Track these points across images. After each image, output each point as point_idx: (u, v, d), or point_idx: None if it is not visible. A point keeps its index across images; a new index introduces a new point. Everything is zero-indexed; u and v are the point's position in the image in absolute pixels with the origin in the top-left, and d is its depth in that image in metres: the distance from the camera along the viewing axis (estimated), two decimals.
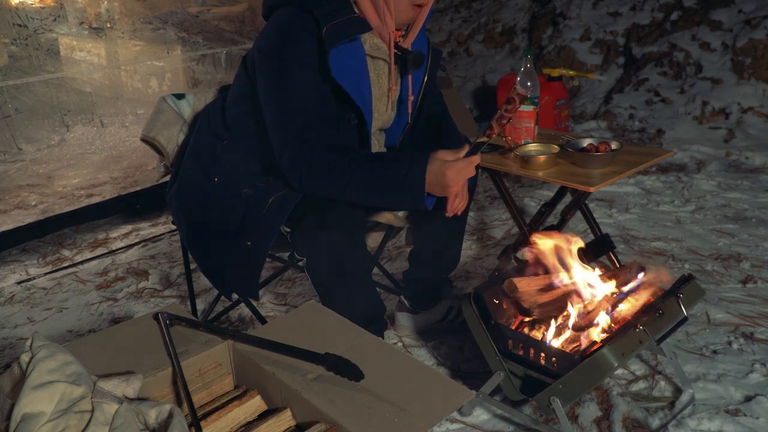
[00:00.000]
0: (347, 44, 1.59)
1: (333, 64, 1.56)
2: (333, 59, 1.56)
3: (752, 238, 2.69)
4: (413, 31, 1.74)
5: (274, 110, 1.63)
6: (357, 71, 1.64)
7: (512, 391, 1.63)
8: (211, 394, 1.17)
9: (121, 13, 3.45)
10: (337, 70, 1.57)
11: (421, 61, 1.74)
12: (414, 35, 1.75)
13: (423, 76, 1.83)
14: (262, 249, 1.66)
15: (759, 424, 1.63)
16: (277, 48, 1.61)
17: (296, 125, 1.59)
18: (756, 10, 4.34)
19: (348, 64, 1.60)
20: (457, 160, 1.53)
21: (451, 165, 1.52)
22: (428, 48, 1.83)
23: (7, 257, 2.89)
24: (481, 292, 1.67)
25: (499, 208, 3.15)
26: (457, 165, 1.52)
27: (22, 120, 3.21)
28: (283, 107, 1.61)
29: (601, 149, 1.98)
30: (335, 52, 1.56)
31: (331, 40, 1.55)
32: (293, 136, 1.59)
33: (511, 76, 4.40)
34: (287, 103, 1.60)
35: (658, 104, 4.32)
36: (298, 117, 1.60)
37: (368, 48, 1.67)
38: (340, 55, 1.58)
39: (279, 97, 1.61)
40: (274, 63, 1.62)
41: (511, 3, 5.68)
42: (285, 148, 1.59)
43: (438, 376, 1.13)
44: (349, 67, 1.61)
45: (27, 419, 0.92)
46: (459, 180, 1.54)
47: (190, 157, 1.81)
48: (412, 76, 1.79)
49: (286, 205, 1.63)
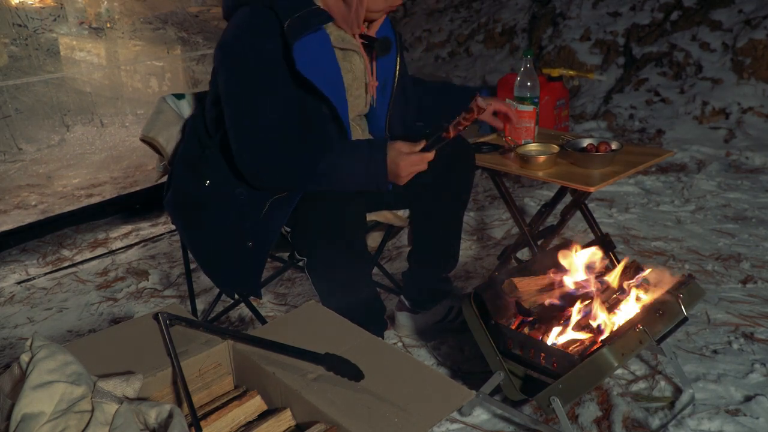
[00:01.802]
0: (311, 35, 1.59)
1: (298, 58, 1.57)
2: (297, 52, 1.57)
3: (752, 238, 2.69)
4: (376, 21, 1.77)
5: (230, 114, 1.63)
6: (325, 62, 1.65)
7: (512, 391, 1.63)
8: (211, 394, 1.17)
9: (121, 13, 3.45)
10: (302, 63, 1.58)
11: (388, 47, 1.76)
12: (377, 25, 1.78)
13: (395, 59, 1.85)
14: (263, 249, 1.66)
15: (759, 424, 1.63)
16: (236, 48, 1.62)
17: (252, 130, 1.60)
18: (756, 10, 4.34)
19: (314, 55, 1.61)
20: (412, 153, 1.59)
21: (405, 157, 1.59)
22: (394, 32, 1.86)
23: (7, 257, 2.89)
24: (481, 292, 1.67)
25: (499, 208, 3.15)
26: (411, 158, 1.59)
27: (22, 120, 3.21)
28: (238, 108, 1.62)
29: (601, 149, 1.98)
30: (299, 45, 1.57)
31: (294, 33, 1.56)
32: (249, 141, 1.60)
33: (511, 76, 4.39)
34: (244, 106, 1.61)
35: (658, 104, 4.32)
36: (253, 118, 1.60)
37: (335, 40, 1.67)
38: (305, 47, 1.58)
39: (237, 100, 1.62)
40: (233, 63, 1.62)
41: (511, 3, 5.68)
42: (240, 149, 1.61)
43: (438, 376, 1.13)
44: (316, 59, 1.62)
45: (27, 419, 0.92)
46: (409, 172, 1.61)
47: (181, 163, 1.82)
48: (379, 62, 1.81)
49: (286, 206, 1.63)
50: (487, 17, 5.70)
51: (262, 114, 1.60)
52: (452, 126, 1.55)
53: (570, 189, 2.13)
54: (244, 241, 1.67)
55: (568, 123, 4.31)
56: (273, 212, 1.64)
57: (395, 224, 1.99)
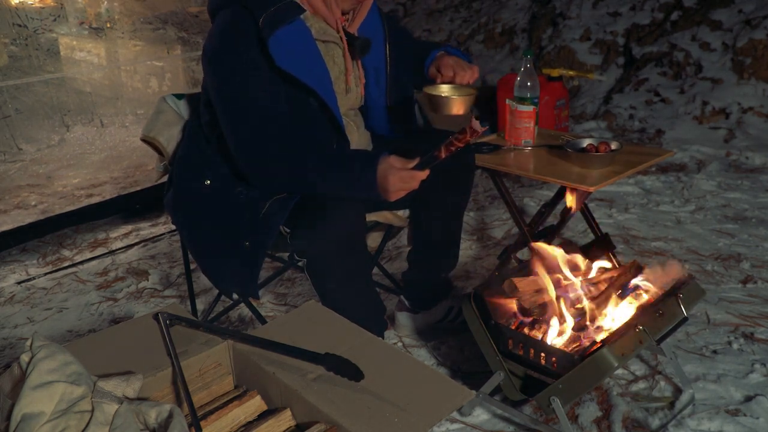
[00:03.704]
0: (288, 28, 1.59)
1: (275, 53, 1.57)
2: (274, 47, 1.57)
3: (752, 238, 2.69)
4: (359, 16, 1.77)
5: (222, 116, 1.65)
6: (305, 53, 1.65)
7: (512, 391, 1.63)
8: (211, 394, 1.17)
9: (121, 13, 3.45)
10: (281, 57, 1.58)
11: (367, 48, 1.76)
12: (360, 20, 1.78)
13: (383, 49, 1.84)
14: (261, 249, 1.66)
15: (759, 424, 1.63)
16: (219, 52, 1.63)
17: (244, 129, 1.61)
18: (756, 10, 4.34)
19: (293, 48, 1.61)
20: (403, 170, 1.55)
21: (396, 172, 1.55)
22: (381, 21, 1.85)
23: (7, 257, 2.89)
24: (481, 292, 1.67)
25: (499, 208, 3.15)
26: (402, 174, 1.55)
27: (22, 120, 3.21)
28: (230, 112, 1.63)
29: (601, 149, 1.98)
30: (275, 40, 1.57)
31: (268, 28, 1.56)
32: (244, 141, 1.61)
33: (511, 76, 4.40)
34: (233, 107, 1.62)
35: (658, 104, 4.32)
36: (246, 120, 1.61)
37: (316, 32, 1.68)
38: (283, 41, 1.58)
39: (226, 102, 1.63)
40: (217, 68, 1.64)
41: (511, 3, 5.68)
42: (238, 152, 1.62)
43: (438, 376, 1.13)
44: (295, 51, 1.62)
45: (27, 419, 0.92)
46: (399, 189, 1.57)
47: (181, 163, 1.83)
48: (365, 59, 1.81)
49: (286, 206, 1.63)
50: (487, 17, 5.70)
51: (251, 115, 1.61)
52: (444, 146, 1.52)
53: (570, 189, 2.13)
54: (243, 242, 1.67)
55: (568, 123, 4.31)
56: (272, 212, 1.64)
57: (395, 224, 1.99)
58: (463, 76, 1.77)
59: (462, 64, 1.80)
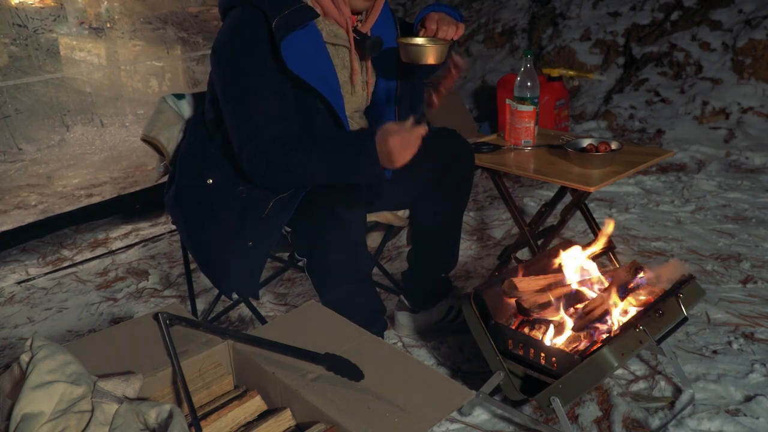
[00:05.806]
0: (299, 32, 1.60)
1: (287, 55, 1.58)
2: (286, 50, 1.58)
3: (752, 238, 2.69)
4: (372, 16, 1.77)
5: (228, 113, 1.65)
6: (316, 58, 1.65)
7: (512, 391, 1.63)
8: (211, 394, 1.17)
9: (121, 13, 3.45)
10: (292, 60, 1.58)
11: (379, 46, 1.75)
12: (373, 20, 1.78)
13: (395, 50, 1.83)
14: (263, 249, 1.66)
15: (759, 424, 1.63)
16: (229, 51, 1.64)
17: (250, 127, 1.61)
18: (756, 10, 4.34)
19: (304, 52, 1.62)
20: (401, 129, 1.53)
21: (395, 134, 1.52)
22: (395, 23, 1.86)
23: (7, 257, 2.89)
24: (481, 292, 1.67)
25: (499, 208, 3.15)
26: (402, 134, 1.52)
27: (22, 120, 3.21)
28: (237, 110, 1.63)
29: (601, 149, 1.98)
30: (287, 43, 1.58)
31: (281, 31, 1.57)
32: (247, 139, 1.61)
33: (511, 76, 4.40)
34: (240, 105, 1.62)
35: (658, 104, 4.32)
36: (252, 118, 1.61)
37: (326, 35, 1.68)
38: (294, 44, 1.59)
39: (233, 99, 1.63)
40: (226, 66, 1.64)
41: (511, 3, 5.68)
42: (242, 149, 1.62)
43: (438, 376, 1.13)
44: (306, 55, 1.62)
45: (27, 419, 0.92)
46: (403, 150, 1.53)
47: (182, 162, 1.82)
48: (375, 59, 1.80)
49: (289, 206, 1.63)
50: (487, 17, 5.70)
51: (258, 114, 1.61)
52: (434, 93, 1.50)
53: (570, 189, 2.13)
54: (245, 241, 1.67)
55: (568, 123, 4.31)
56: (275, 212, 1.64)
57: (395, 224, 1.99)
58: (446, 30, 1.72)
59: (446, 20, 1.74)
